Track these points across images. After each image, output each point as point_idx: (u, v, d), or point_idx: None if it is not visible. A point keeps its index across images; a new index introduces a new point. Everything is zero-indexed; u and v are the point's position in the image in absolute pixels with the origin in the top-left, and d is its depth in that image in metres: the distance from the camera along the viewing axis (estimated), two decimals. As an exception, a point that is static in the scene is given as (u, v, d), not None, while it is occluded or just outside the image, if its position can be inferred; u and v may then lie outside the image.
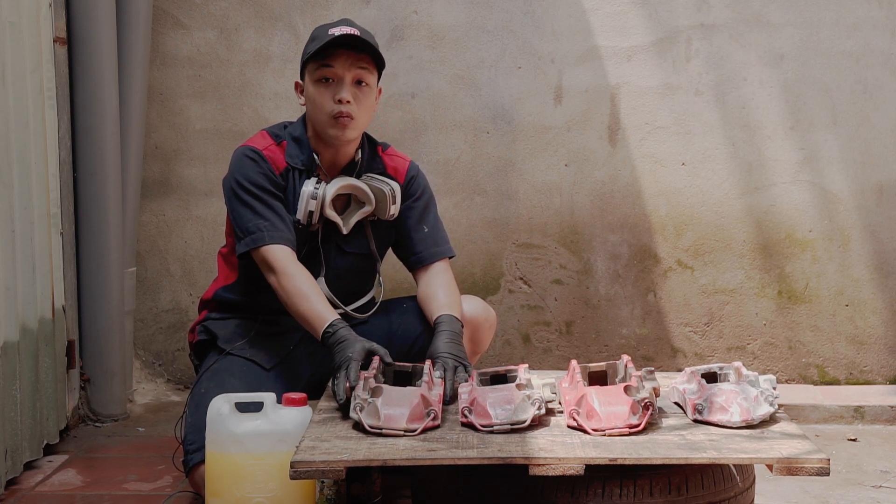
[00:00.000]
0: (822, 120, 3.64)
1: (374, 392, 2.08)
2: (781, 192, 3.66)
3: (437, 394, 2.16)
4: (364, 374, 2.17)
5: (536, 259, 3.71)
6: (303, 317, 2.41)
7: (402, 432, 2.03)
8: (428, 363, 2.27)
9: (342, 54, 2.47)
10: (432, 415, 2.07)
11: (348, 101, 2.47)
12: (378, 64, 2.54)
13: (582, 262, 3.70)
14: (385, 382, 2.24)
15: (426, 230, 2.67)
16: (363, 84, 2.51)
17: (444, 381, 2.27)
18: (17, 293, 2.75)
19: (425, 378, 2.21)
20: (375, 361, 2.27)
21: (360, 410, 2.05)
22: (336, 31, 2.47)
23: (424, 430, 2.05)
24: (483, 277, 3.71)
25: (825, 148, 3.64)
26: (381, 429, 2.03)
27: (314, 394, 2.46)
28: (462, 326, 2.49)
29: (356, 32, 2.48)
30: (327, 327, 2.35)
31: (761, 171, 3.66)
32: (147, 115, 3.56)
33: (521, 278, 3.71)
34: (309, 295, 2.41)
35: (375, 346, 2.31)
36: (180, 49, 3.64)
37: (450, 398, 2.25)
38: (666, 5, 3.61)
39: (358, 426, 2.07)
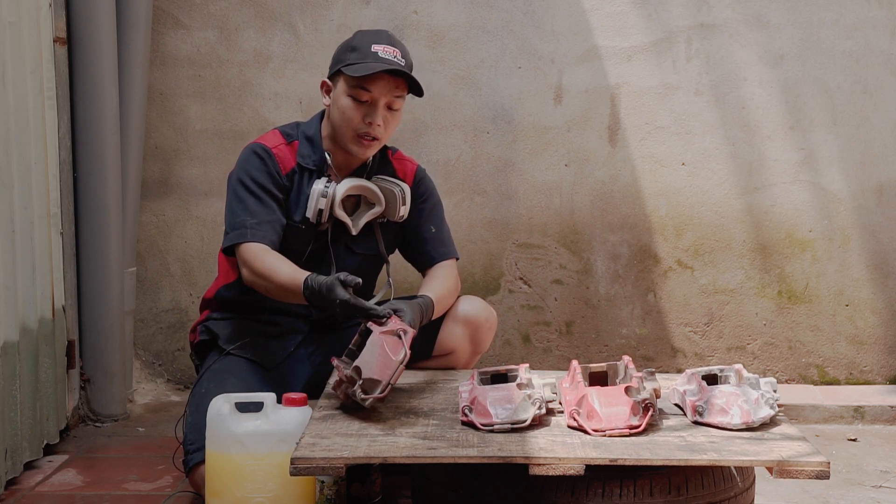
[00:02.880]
0: (822, 120, 3.64)
1: (355, 374, 2.13)
2: (781, 192, 3.66)
3: (388, 320, 2.23)
4: (333, 380, 2.22)
5: (536, 259, 3.71)
6: (282, 286, 2.38)
7: (398, 365, 2.13)
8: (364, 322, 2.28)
9: (382, 79, 2.47)
10: (400, 334, 2.16)
11: (378, 125, 2.49)
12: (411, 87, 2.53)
13: (582, 262, 3.70)
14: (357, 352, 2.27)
15: (433, 230, 2.69)
16: (394, 109, 2.52)
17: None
18: (17, 293, 2.75)
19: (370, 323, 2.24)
20: (335, 361, 2.26)
21: (366, 393, 2.11)
22: (380, 51, 2.47)
23: (411, 347, 2.16)
24: (483, 277, 3.71)
25: (825, 148, 3.64)
26: (388, 385, 2.12)
27: (314, 394, 2.46)
28: (433, 307, 2.47)
29: (398, 54, 2.48)
30: (303, 287, 2.33)
31: (761, 171, 3.66)
32: (147, 115, 3.55)
33: (521, 278, 3.71)
34: (279, 266, 2.40)
35: (343, 276, 2.27)
36: (180, 49, 3.63)
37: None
38: (666, 5, 3.61)
39: (374, 408, 2.15)
